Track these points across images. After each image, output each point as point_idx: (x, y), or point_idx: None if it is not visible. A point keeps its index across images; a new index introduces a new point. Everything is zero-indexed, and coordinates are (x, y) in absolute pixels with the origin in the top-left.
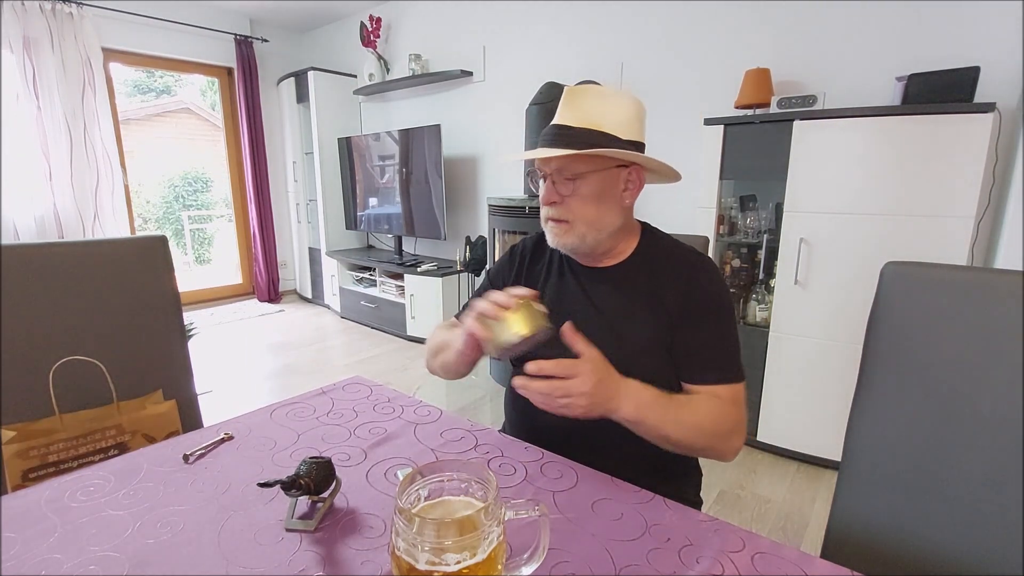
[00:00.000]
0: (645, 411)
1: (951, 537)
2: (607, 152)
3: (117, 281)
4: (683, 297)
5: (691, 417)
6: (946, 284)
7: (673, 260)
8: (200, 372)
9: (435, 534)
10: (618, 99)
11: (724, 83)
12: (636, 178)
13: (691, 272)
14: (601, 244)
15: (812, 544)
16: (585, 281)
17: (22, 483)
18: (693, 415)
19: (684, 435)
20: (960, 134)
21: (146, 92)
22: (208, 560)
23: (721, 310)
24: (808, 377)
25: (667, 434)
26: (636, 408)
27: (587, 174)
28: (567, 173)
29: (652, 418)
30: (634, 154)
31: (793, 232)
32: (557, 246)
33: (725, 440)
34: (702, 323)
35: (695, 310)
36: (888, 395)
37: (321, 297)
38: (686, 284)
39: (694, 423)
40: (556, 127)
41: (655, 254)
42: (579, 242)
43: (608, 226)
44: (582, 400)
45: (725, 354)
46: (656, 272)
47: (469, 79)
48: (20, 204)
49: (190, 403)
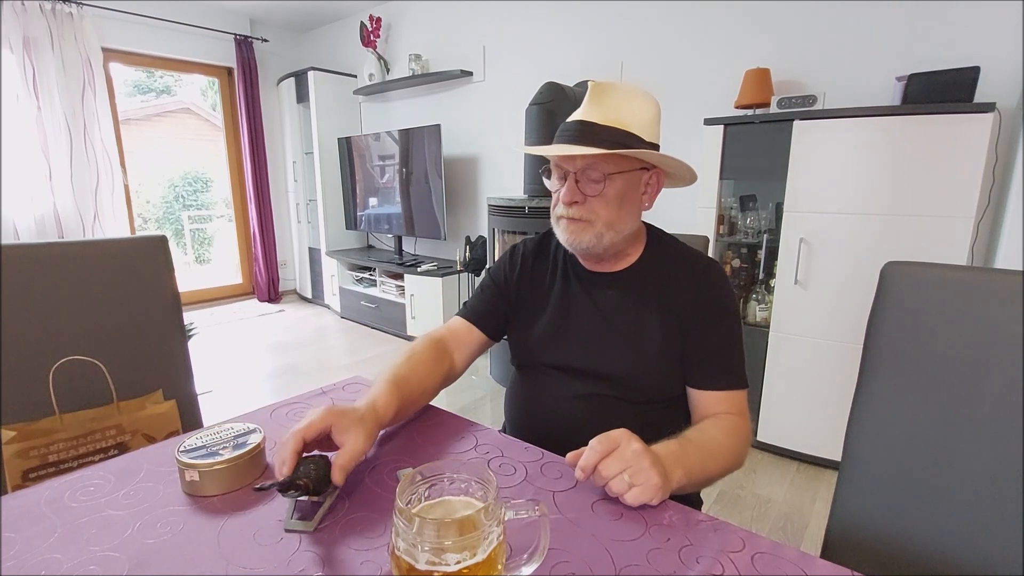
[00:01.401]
0: (689, 475)
1: (951, 537)
2: (640, 154)
3: (117, 281)
4: (692, 302)
5: (718, 449)
6: (946, 284)
7: (682, 265)
8: (200, 372)
9: (435, 534)
10: (643, 99)
11: (724, 83)
12: (656, 182)
13: (701, 277)
14: (614, 246)
15: (812, 544)
16: (591, 287)
17: (22, 483)
18: (719, 447)
19: (721, 469)
20: (960, 134)
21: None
22: (208, 560)
23: (729, 315)
24: (808, 377)
25: (711, 477)
26: (682, 477)
27: (614, 175)
28: (594, 174)
29: (695, 475)
30: (662, 156)
31: (793, 232)
32: (570, 244)
33: (743, 456)
34: (712, 328)
35: (705, 315)
36: (888, 395)
37: (321, 297)
38: (696, 289)
39: (723, 454)
40: (582, 123)
41: (663, 258)
42: (595, 243)
43: (626, 229)
44: (652, 472)
45: (734, 360)
46: (665, 277)
47: (469, 79)
48: (20, 204)
49: (190, 403)
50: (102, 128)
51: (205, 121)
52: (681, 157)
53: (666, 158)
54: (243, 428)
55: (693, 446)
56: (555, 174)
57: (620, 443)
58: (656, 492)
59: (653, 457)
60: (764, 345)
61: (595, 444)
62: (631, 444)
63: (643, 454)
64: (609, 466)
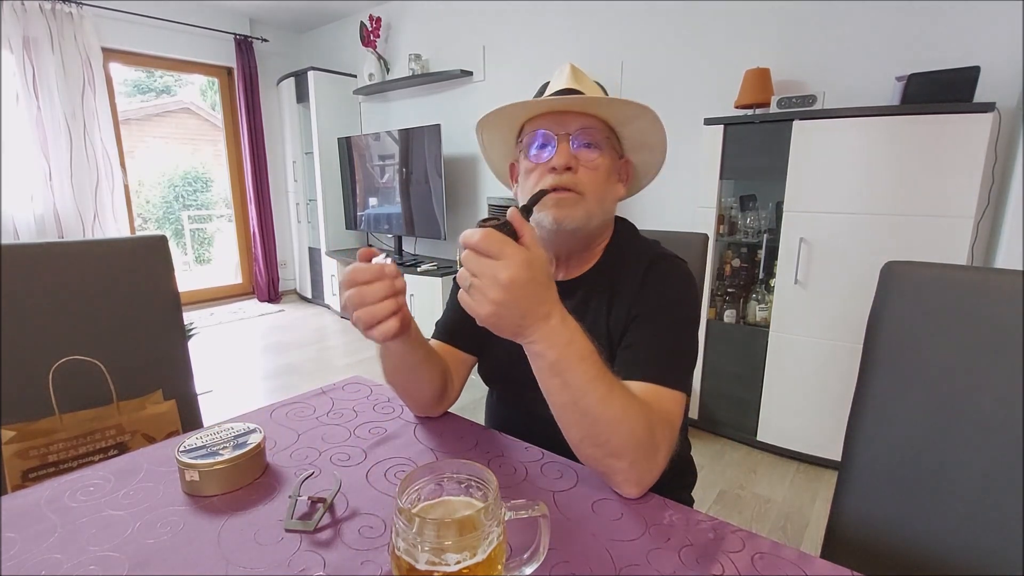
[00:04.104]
0: (569, 361)
1: (951, 537)
2: (645, 109)
3: (117, 281)
4: (631, 301)
5: (627, 403)
6: (946, 284)
7: (635, 265)
8: (200, 372)
9: (435, 534)
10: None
11: (724, 83)
12: (625, 174)
13: (646, 274)
14: (590, 235)
15: (812, 544)
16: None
17: (22, 483)
18: (631, 405)
19: (608, 421)
20: (960, 134)
21: (146, 92)
22: (208, 560)
23: (669, 311)
24: (808, 377)
25: (585, 408)
26: (556, 348)
27: (603, 146)
28: (590, 136)
29: (576, 374)
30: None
31: (793, 232)
32: (559, 223)
33: (647, 454)
34: (646, 320)
35: (642, 309)
36: (888, 395)
37: (321, 297)
38: (639, 286)
39: (626, 413)
40: (569, 91)
41: (619, 258)
42: (584, 221)
43: (610, 210)
44: (491, 292)
45: (665, 356)
46: (616, 279)
47: (469, 79)
48: (20, 204)
49: (190, 403)
50: (102, 128)
51: (205, 121)
52: (681, 157)
53: (657, 126)
54: (243, 428)
55: (605, 366)
56: (538, 143)
57: (503, 257)
58: (477, 314)
59: (509, 293)
60: (764, 345)
61: (478, 242)
62: (502, 271)
63: (499, 286)
64: (468, 260)
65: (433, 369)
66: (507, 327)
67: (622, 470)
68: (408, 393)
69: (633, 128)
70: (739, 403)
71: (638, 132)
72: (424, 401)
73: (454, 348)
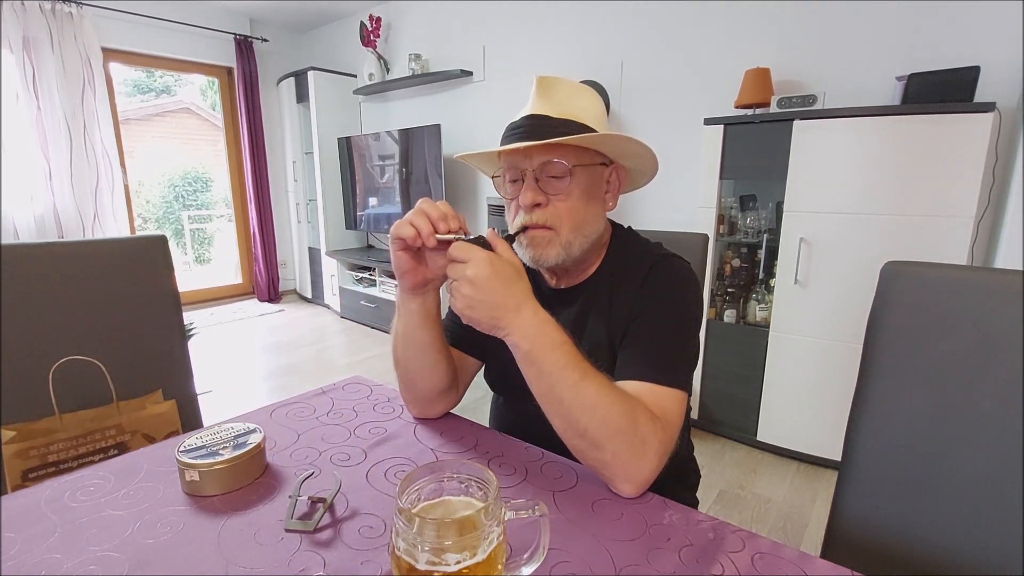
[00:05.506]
0: (542, 350)
1: (951, 537)
2: (602, 138)
3: (117, 281)
4: (632, 301)
5: (601, 390)
6: (946, 284)
7: (637, 267)
8: (200, 372)
9: (435, 534)
10: (589, 94)
11: (724, 83)
12: (616, 179)
13: (647, 274)
14: (582, 255)
15: (812, 544)
16: (553, 304)
17: (22, 483)
18: (607, 393)
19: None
20: (960, 134)
21: (146, 92)
22: (208, 560)
23: (667, 310)
24: (808, 377)
25: (560, 396)
26: (528, 338)
27: (576, 170)
28: (556, 168)
29: (548, 362)
30: (626, 138)
31: (793, 232)
32: (536, 262)
33: (628, 445)
34: (644, 320)
35: (642, 309)
36: (888, 395)
37: (321, 297)
38: (639, 286)
39: (600, 399)
40: (533, 117)
41: (620, 263)
42: (564, 255)
43: (593, 232)
44: (463, 288)
45: (664, 355)
46: (617, 283)
47: (469, 79)
48: (20, 203)
49: (190, 403)
50: (102, 128)
51: (205, 121)
52: (682, 157)
53: (630, 141)
54: (243, 428)
55: (579, 355)
56: (508, 179)
57: (469, 260)
58: (456, 309)
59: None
60: (764, 345)
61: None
62: (472, 269)
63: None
64: (448, 268)
65: (442, 358)
66: (483, 320)
67: (607, 463)
68: (412, 380)
69: (609, 146)
70: (739, 403)
71: (615, 146)
72: (427, 392)
73: (458, 352)
